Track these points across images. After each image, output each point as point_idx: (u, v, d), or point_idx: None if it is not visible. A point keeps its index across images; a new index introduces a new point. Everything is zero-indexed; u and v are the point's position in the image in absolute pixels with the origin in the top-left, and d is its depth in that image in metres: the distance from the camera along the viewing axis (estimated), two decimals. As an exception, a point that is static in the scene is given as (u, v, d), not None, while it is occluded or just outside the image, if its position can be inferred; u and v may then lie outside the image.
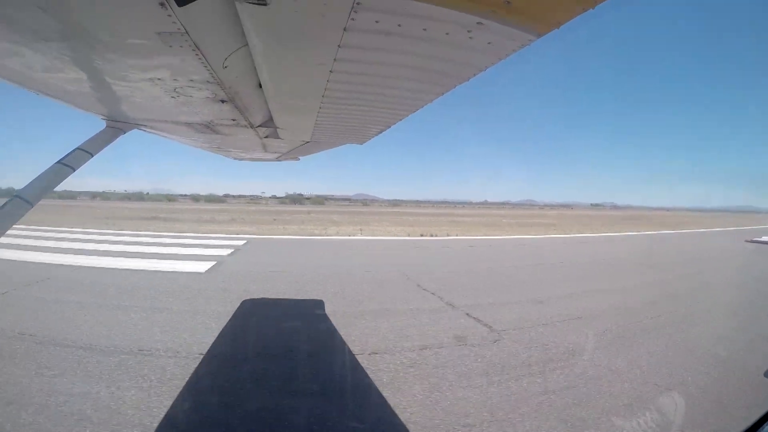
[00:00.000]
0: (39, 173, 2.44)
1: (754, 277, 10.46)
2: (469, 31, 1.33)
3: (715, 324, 5.91)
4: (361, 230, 19.80)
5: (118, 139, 2.98)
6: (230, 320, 5.26)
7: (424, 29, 1.34)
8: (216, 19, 1.41)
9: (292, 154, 4.55)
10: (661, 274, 10.07)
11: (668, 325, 5.67)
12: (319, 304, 6.16)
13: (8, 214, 2.22)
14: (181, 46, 1.49)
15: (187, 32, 1.38)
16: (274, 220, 27.15)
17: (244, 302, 6.08)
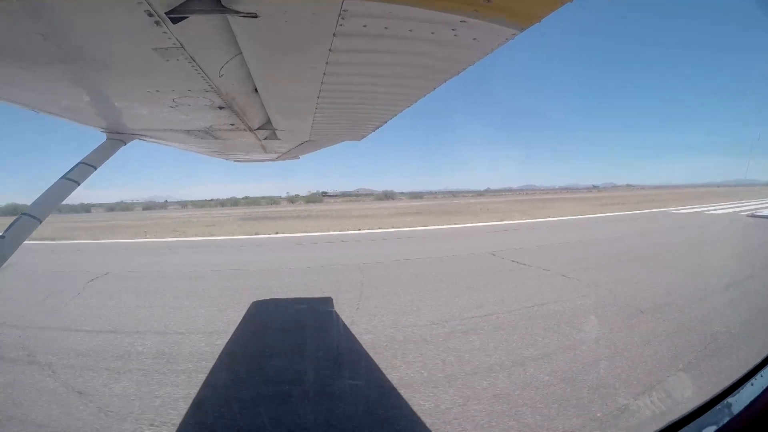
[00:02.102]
0: (44, 190, 2.50)
1: None
2: (453, 30, 1.36)
3: None
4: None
5: (119, 150, 3.03)
6: None
7: (410, 30, 1.37)
8: (210, 32, 1.44)
9: (292, 153, 4.59)
10: None
11: None
12: None
13: (18, 231, 2.29)
14: (177, 60, 1.52)
15: (182, 46, 1.42)
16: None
17: None
